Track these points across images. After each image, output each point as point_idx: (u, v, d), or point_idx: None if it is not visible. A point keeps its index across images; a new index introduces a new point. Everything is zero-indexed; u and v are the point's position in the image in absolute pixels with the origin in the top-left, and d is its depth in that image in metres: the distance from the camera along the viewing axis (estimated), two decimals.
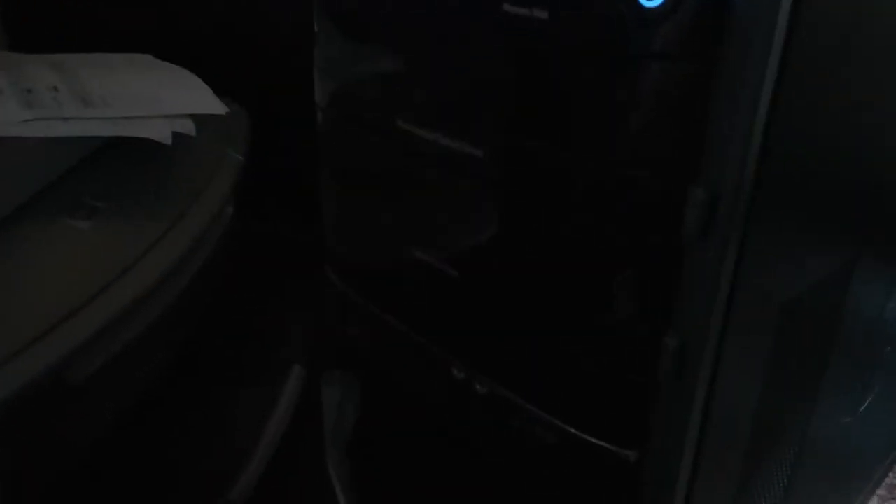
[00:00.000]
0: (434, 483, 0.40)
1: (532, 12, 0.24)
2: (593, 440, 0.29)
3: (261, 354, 0.65)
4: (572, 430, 0.29)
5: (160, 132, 0.54)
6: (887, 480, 0.57)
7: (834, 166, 0.29)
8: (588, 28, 0.24)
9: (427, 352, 0.35)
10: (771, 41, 0.22)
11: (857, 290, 0.36)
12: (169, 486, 0.56)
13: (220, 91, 0.63)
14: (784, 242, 0.28)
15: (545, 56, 0.25)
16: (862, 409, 0.44)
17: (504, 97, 0.27)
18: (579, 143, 0.25)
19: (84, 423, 0.50)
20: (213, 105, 0.59)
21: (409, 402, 0.39)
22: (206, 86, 0.62)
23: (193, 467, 0.57)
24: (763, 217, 0.24)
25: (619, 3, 0.22)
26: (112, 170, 0.58)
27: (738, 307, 0.26)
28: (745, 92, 0.22)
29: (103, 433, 0.52)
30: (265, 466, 0.56)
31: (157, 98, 0.58)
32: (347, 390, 0.42)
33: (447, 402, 0.35)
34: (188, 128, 0.56)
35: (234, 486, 0.55)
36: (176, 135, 0.56)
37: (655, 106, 0.23)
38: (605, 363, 0.28)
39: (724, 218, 0.23)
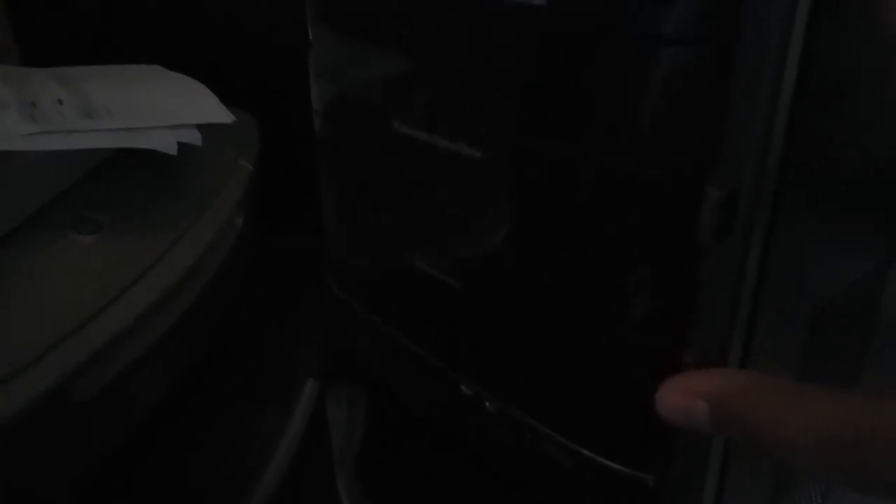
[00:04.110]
0: (445, 502, 0.38)
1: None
2: (608, 463, 0.26)
3: (274, 368, 0.64)
4: (585, 452, 0.27)
5: (165, 143, 0.53)
6: None
7: (865, 159, 0.27)
8: (592, 12, 0.22)
9: (433, 367, 0.33)
10: (793, 19, 0.19)
11: (893, 292, 0.33)
12: None
13: (232, 100, 0.62)
14: (812, 244, 0.26)
15: (546, 46, 0.23)
16: None
17: (502, 93, 0.25)
18: (583, 139, 0.23)
19: (90, 441, 0.49)
20: (219, 114, 0.58)
21: (418, 418, 0.37)
22: (213, 95, 0.61)
23: (204, 486, 0.56)
24: (787, 217, 0.22)
25: None
26: (118, 183, 0.57)
27: (764, 316, 0.24)
28: (765, 79, 0.20)
29: (112, 451, 0.51)
30: (277, 484, 0.55)
31: (162, 108, 0.57)
32: (354, 407, 0.40)
33: (456, 419, 0.33)
34: (194, 137, 0.55)
35: None
36: (183, 145, 0.55)
37: (667, 96, 0.21)
38: (620, 381, 0.26)
39: (743, 219, 0.21)
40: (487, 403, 0.31)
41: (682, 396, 0.22)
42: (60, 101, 0.54)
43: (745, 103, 0.20)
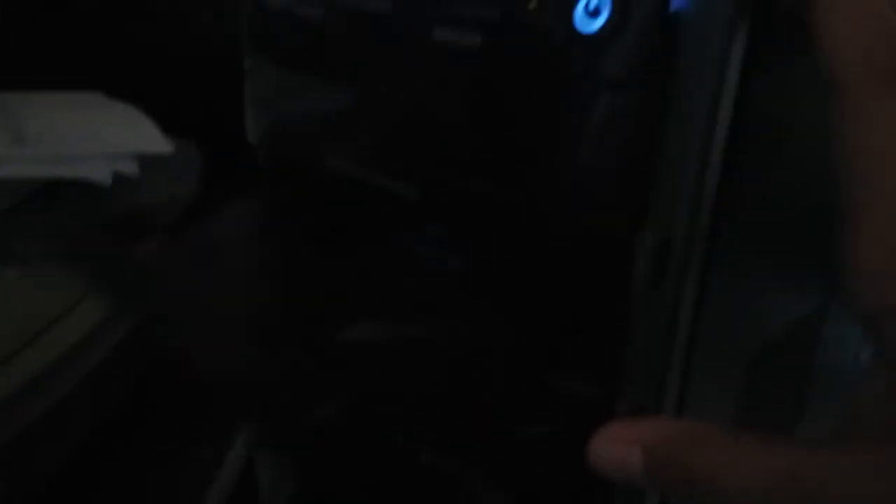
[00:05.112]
0: None
1: (462, 38, 0.22)
2: None
3: (205, 415, 0.62)
4: None
5: (99, 173, 0.51)
6: None
7: (801, 204, 0.27)
8: (522, 55, 0.22)
9: (365, 419, 0.32)
10: (726, 65, 0.19)
11: (829, 339, 0.33)
12: None
13: (181, 129, 0.60)
14: (748, 287, 0.26)
15: (477, 87, 0.23)
16: None
17: (435, 132, 0.24)
18: (515, 183, 0.23)
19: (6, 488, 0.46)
20: (157, 143, 0.56)
21: (349, 473, 0.35)
22: (152, 123, 0.59)
23: None
24: (722, 261, 0.22)
25: (552, 29, 0.20)
26: (49, 214, 0.55)
27: (699, 361, 0.23)
28: (697, 124, 0.20)
29: (31, 495, 0.48)
30: None
31: (98, 137, 0.55)
32: (281, 463, 0.38)
33: (389, 472, 0.32)
34: (130, 168, 0.53)
35: None
36: (119, 175, 0.53)
37: (597, 141, 0.21)
38: (554, 431, 0.25)
39: (676, 266, 0.21)
40: (421, 456, 0.30)
41: (615, 446, 0.21)
42: None
43: (678, 148, 0.20)
